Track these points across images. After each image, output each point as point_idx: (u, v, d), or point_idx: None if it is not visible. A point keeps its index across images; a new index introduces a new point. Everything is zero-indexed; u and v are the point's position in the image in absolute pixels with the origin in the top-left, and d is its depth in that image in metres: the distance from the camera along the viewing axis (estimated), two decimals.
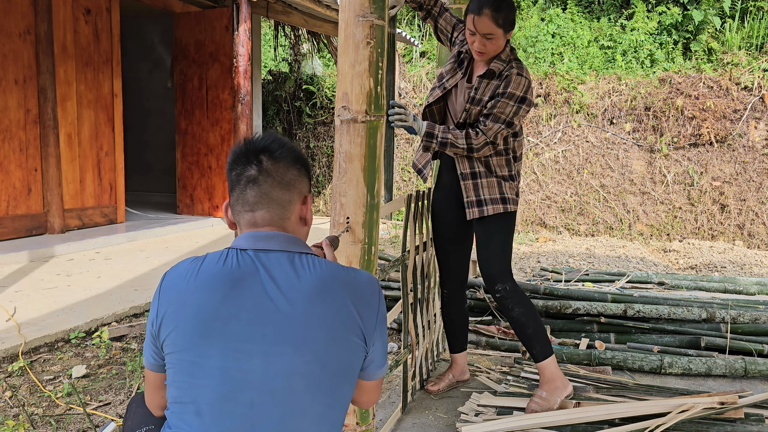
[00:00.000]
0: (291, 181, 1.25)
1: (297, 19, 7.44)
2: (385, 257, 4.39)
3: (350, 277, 1.21)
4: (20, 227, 5.55)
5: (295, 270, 1.17)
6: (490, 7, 2.32)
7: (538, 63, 9.23)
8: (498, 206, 2.52)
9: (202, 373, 1.12)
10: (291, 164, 1.26)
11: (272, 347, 1.11)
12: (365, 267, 1.79)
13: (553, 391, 2.52)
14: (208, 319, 1.13)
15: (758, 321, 3.50)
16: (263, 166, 1.23)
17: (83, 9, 5.99)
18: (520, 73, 2.41)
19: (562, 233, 8.14)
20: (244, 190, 1.24)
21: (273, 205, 1.23)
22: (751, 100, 7.75)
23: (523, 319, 2.53)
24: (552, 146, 8.39)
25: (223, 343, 1.12)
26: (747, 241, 7.57)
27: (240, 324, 1.12)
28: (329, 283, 1.17)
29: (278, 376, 1.11)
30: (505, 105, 2.39)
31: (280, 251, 1.19)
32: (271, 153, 1.24)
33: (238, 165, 1.25)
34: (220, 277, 1.15)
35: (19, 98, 5.47)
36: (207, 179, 7.36)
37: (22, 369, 2.99)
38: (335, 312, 1.15)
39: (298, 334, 1.12)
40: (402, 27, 10.66)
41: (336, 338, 1.15)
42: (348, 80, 1.71)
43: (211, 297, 1.14)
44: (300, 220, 1.28)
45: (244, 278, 1.15)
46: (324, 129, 9.74)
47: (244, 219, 1.25)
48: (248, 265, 1.16)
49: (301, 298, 1.14)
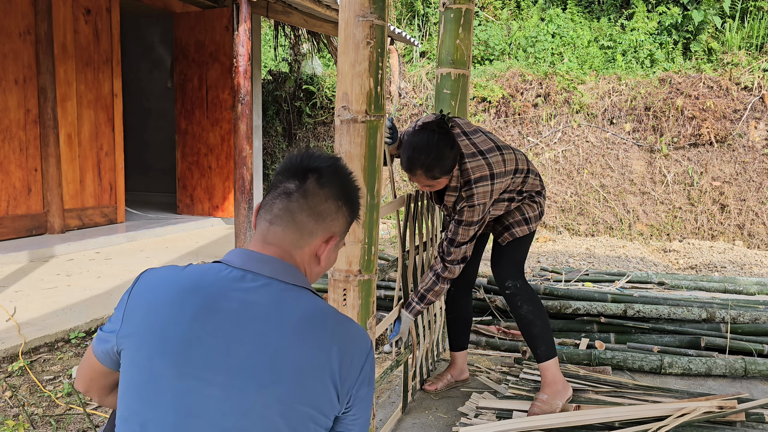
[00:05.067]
0: (323, 213, 1.13)
1: (297, 19, 7.44)
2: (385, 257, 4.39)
3: (341, 324, 1.08)
4: (20, 227, 5.55)
5: (279, 301, 1.04)
6: (422, 168, 2.30)
7: (538, 63, 9.22)
8: (524, 227, 2.59)
9: (154, 396, 1.01)
10: (334, 197, 1.14)
11: (232, 380, 0.99)
12: (365, 267, 1.79)
13: (554, 395, 2.52)
14: (170, 337, 1.01)
15: (758, 321, 3.50)
16: (305, 185, 1.13)
17: (83, 9, 5.99)
18: (471, 204, 2.37)
19: (562, 233, 8.14)
20: (275, 199, 1.14)
21: (292, 227, 1.12)
22: (751, 100, 7.75)
23: (531, 317, 2.55)
24: (552, 146, 8.39)
25: (180, 367, 1.00)
26: (747, 241, 7.57)
27: (203, 349, 1.00)
28: (314, 324, 1.04)
29: (234, 414, 0.99)
30: (466, 231, 2.41)
31: (270, 278, 1.07)
32: (320, 176, 1.13)
33: (284, 173, 1.15)
34: (195, 293, 1.04)
35: (19, 98, 5.47)
36: (207, 179, 7.36)
37: (22, 369, 2.99)
38: (312, 357, 1.01)
39: (265, 373, 0.99)
40: (402, 27, 10.66)
41: (306, 386, 1.01)
42: (348, 80, 1.71)
43: (179, 314, 1.02)
44: (314, 256, 1.16)
45: (219, 299, 1.03)
46: (324, 129, 9.73)
47: (259, 227, 1.15)
48: (229, 286, 1.05)
49: (278, 334, 1.01)
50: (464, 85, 3.01)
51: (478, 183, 2.35)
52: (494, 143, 2.46)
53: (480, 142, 2.44)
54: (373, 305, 1.85)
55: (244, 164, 5.56)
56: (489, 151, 2.41)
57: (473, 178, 2.35)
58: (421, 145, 2.29)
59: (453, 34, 2.93)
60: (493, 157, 2.40)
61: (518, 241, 2.61)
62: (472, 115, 8.71)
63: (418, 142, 2.30)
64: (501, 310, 3.76)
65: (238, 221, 5.55)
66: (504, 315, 3.74)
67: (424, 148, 2.28)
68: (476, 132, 2.49)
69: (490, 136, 2.51)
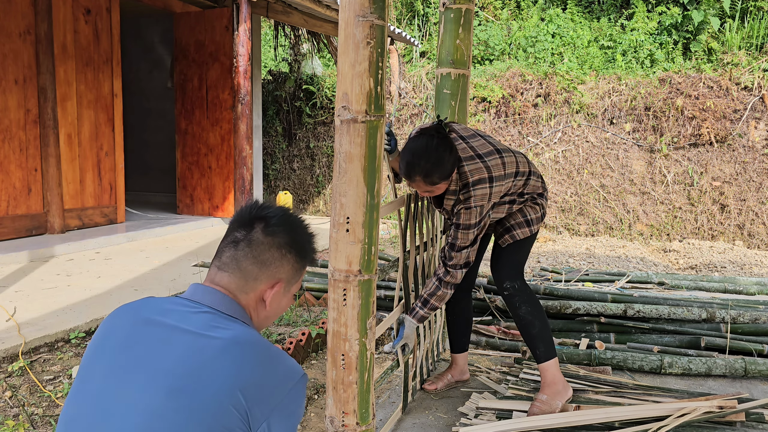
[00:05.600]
0: (267, 261, 1.21)
1: (297, 19, 7.44)
2: (385, 257, 4.39)
3: (266, 355, 1.11)
4: (20, 227, 5.55)
5: (211, 326, 1.11)
6: (420, 174, 2.29)
7: (538, 63, 9.22)
8: (525, 229, 2.59)
9: (82, 397, 1.10)
10: (278, 246, 1.22)
11: (148, 383, 1.05)
12: (365, 267, 1.79)
13: (554, 395, 2.52)
14: (108, 345, 1.12)
15: (758, 321, 3.50)
16: (251, 234, 1.21)
17: (83, 9, 5.99)
18: (468, 206, 2.37)
19: (562, 233, 8.14)
20: (225, 247, 1.23)
21: (237, 274, 1.20)
22: (751, 100, 7.75)
23: (530, 318, 2.54)
24: (552, 146, 8.39)
25: (110, 369, 1.09)
26: (747, 241, 7.57)
27: (132, 355, 1.09)
28: (237, 349, 1.09)
29: (143, 414, 1.04)
30: (465, 234, 2.41)
31: (210, 307, 1.16)
32: (266, 225, 1.22)
33: (235, 223, 1.24)
34: (138, 310, 1.15)
35: (19, 98, 5.47)
36: (207, 179, 7.36)
37: (22, 369, 2.99)
38: (226, 378, 1.05)
39: (179, 381, 1.04)
40: (402, 27, 10.66)
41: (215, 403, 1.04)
42: (348, 80, 1.71)
43: (120, 325, 1.14)
44: (261, 301, 1.23)
45: (158, 316, 1.13)
46: (324, 129, 9.73)
47: (210, 272, 1.24)
48: (171, 308, 1.14)
49: (201, 353, 1.07)
50: (464, 85, 3.01)
51: (476, 186, 2.35)
52: (493, 147, 2.45)
53: (478, 145, 2.43)
54: (373, 305, 1.85)
55: (244, 164, 5.56)
56: (488, 155, 2.41)
57: (471, 181, 2.35)
58: (420, 150, 2.28)
59: (453, 34, 2.92)
60: (492, 160, 2.40)
61: (519, 243, 2.61)
62: (472, 115, 8.71)
63: (416, 148, 2.29)
64: (501, 310, 3.76)
65: None
66: (504, 315, 3.74)
67: (423, 153, 2.27)
68: (474, 136, 2.48)
69: (489, 140, 2.50)
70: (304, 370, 3.15)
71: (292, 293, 1.30)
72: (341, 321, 1.80)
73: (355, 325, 1.80)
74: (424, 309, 2.50)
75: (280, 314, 1.31)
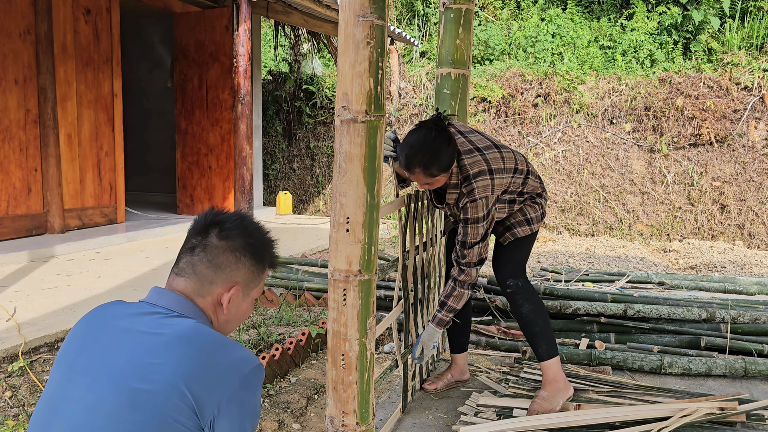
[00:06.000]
0: (222, 264, 1.22)
1: (297, 19, 7.44)
2: (385, 257, 4.39)
3: (215, 345, 1.13)
4: (20, 227, 5.55)
5: (161, 325, 1.13)
6: (419, 166, 2.29)
7: (538, 63, 9.22)
8: (525, 228, 2.59)
9: (40, 400, 1.15)
10: (233, 249, 1.23)
11: (94, 382, 1.08)
12: (365, 267, 1.79)
13: (555, 393, 2.52)
14: (67, 349, 1.17)
15: (758, 321, 3.50)
16: (206, 240, 1.23)
17: (83, 9, 5.99)
18: (473, 198, 2.36)
19: (562, 233, 8.14)
20: (182, 254, 1.25)
21: (193, 278, 1.22)
22: (751, 100, 7.75)
23: (532, 316, 2.55)
24: (552, 146, 8.39)
25: (65, 373, 1.13)
26: (747, 241, 7.57)
27: (84, 358, 1.12)
28: (183, 341, 1.10)
29: (84, 412, 1.07)
30: (474, 229, 2.40)
31: (163, 308, 1.17)
32: (221, 229, 1.24)
33: (192, 230, 1.26)
34: (103, 315, 1.19)
35: (19, 98, 5.47)
36: (207, 179, 7.36)
37: (22, 369, 2.99)
38: (172, 368, 1.07)
39: (125, 378, 1.07)
40: (402, 27, 10.66)
41: (162, 395, 1.06)
42: (348, 80, 1.71)
43: (79, 332, 1.18)
44: (218, 304, 1.24)
45: (113, 321, 1.16)
46: (324, 129, 9.74)
47: (168, 278, 1.25)
48: (125, 311, 1.17)
49: (147, 349, 1.09)
50: (464, 85, 3.01)
51: (477, 177, 2.36)
52: (491, 142, 2.48)
53: (477, 140, 2.46)
54: (373, 305, 1.85)
55: (244, 164, 5.56)
56: (486, 149, 2.43)
57: (472, 173, 2.36)
58: (418, 143, 2.29)
59: (453, 34, 2.92)
60: (491, 153, 2.42)
61: (519, 241, 2.62)
62: (472, 115, 8.71)
63: (414, 141, 2.31)
64: (501, 310, 3.76)
65: None
66: (504, 315, 3.74)
67: (421, 145, 2.28)
68: (473, 132, 2.51)
69: (487, 136, 2.52)
70: (304, 370, 3.14)
71: (253, 297, 1.30)
72: (341, 321, 1.80)
73: (355, 325, 1.80)
74: (442, 312, 2.50)
75: (242, 319, 1.32)
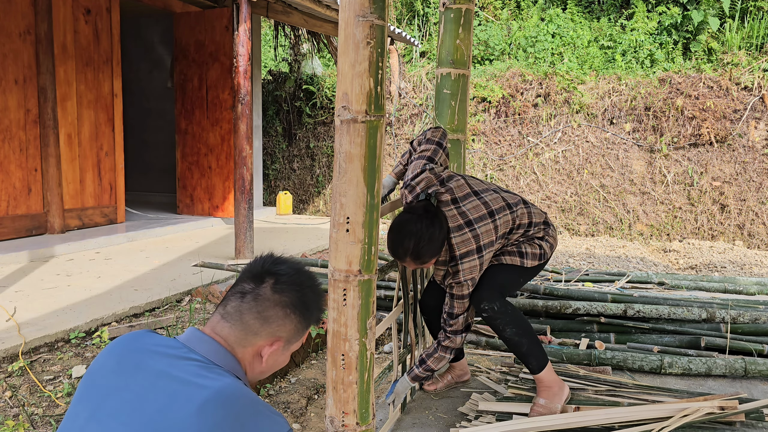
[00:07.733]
0: (269, 318, 1.20)
1: (297, 19, 7.44)
2: (385, 257, 4.39)
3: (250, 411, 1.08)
4: (20, 227, 5.55)
5: (199, 376, 1.09)
6: (410, 257, 2.26)
7: (538, 63, 9.22)
8: (514, 258, 2.50)
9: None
10: (284, 305, 1.21)
11: (124, 429, 1.05)
12: (365, 267, 1.79)
13: (552, 397, 2.51)
14: (96, 385, 1.11)
15: (758, 321, 3.50)
16: (259, 289, 1.20)
17: (83, 9, 5.99)
18: (458, 281, 2.36)
19: (562, 233, 8.14)
20: (232, 295, 1.22)
21: (238, 326, 1.19)
22: (751, 100, 7.75)
23: (516, 339, 2.45)
24: (552, 146, 8.39)
25: (94, 411, 1.08)
26: (747, 241, 7.57)
27: (117, 400, 1.08)
28: (219, 405, 1.05)
29: None
30: (461, 303, 2.38)
31: (202, 356, 1.13)
32: (276, 282, 1.21)
33: (246, 273, 1.23)
34: (134, 351, 1.13)
35: (19, 98, 5.47)
36: (207, 179, 7.36)
37: (22, 369, 2.99)
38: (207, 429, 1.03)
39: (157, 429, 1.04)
40: (402, 27, 10.66)
41: None
42: (348, 80, 1.71)
43: (109, 366, 1.12)
44: (258, 356, 1.21)
45: (148, 360, 1.11)
46: (324, 129, 9.74)
47: (213, 317, 1.22)
48: (162, 351, 1.12)
49: (182, 405, 1.04)
50: (464, 85, 3.02)
51: (463, 259, 2.31)
52: (488, 210, 2.38)
53: (471, 209, 2.36)
54: (373, 305, 1.85)
55: (244, 164, 5.56)
56: (479, 220, 2.34)
57: (459, 254, 2.31)
58: (409, 233, 2.23)
59: (453, 34, 2.92)
60: (483, 226, 2.34)
61: (503, 266, 2.50)
62: (472, 115, 8.71)
63: (403, 231, 2.24)
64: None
65: (238, 221, 5.54)
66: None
67: (412, 236, 2.22)
68: (469, 196, 2.40)
69: (486, 198, 2.41)
70: (304, 370, 3.15)
71: (291, 351, 1.28)
72: (341, 321, 1.80)
73: (355, 325, 1.80)
74: (419, 368, 2.50)
75: (275, 370, 1.30)
